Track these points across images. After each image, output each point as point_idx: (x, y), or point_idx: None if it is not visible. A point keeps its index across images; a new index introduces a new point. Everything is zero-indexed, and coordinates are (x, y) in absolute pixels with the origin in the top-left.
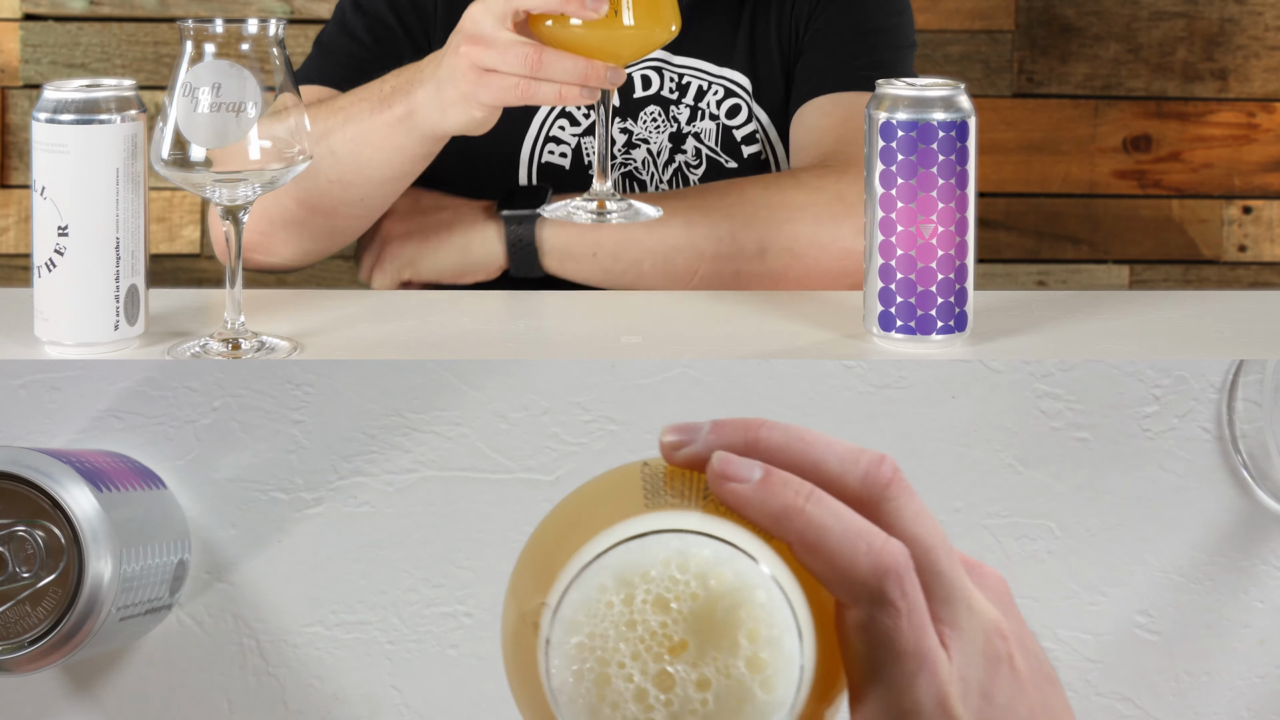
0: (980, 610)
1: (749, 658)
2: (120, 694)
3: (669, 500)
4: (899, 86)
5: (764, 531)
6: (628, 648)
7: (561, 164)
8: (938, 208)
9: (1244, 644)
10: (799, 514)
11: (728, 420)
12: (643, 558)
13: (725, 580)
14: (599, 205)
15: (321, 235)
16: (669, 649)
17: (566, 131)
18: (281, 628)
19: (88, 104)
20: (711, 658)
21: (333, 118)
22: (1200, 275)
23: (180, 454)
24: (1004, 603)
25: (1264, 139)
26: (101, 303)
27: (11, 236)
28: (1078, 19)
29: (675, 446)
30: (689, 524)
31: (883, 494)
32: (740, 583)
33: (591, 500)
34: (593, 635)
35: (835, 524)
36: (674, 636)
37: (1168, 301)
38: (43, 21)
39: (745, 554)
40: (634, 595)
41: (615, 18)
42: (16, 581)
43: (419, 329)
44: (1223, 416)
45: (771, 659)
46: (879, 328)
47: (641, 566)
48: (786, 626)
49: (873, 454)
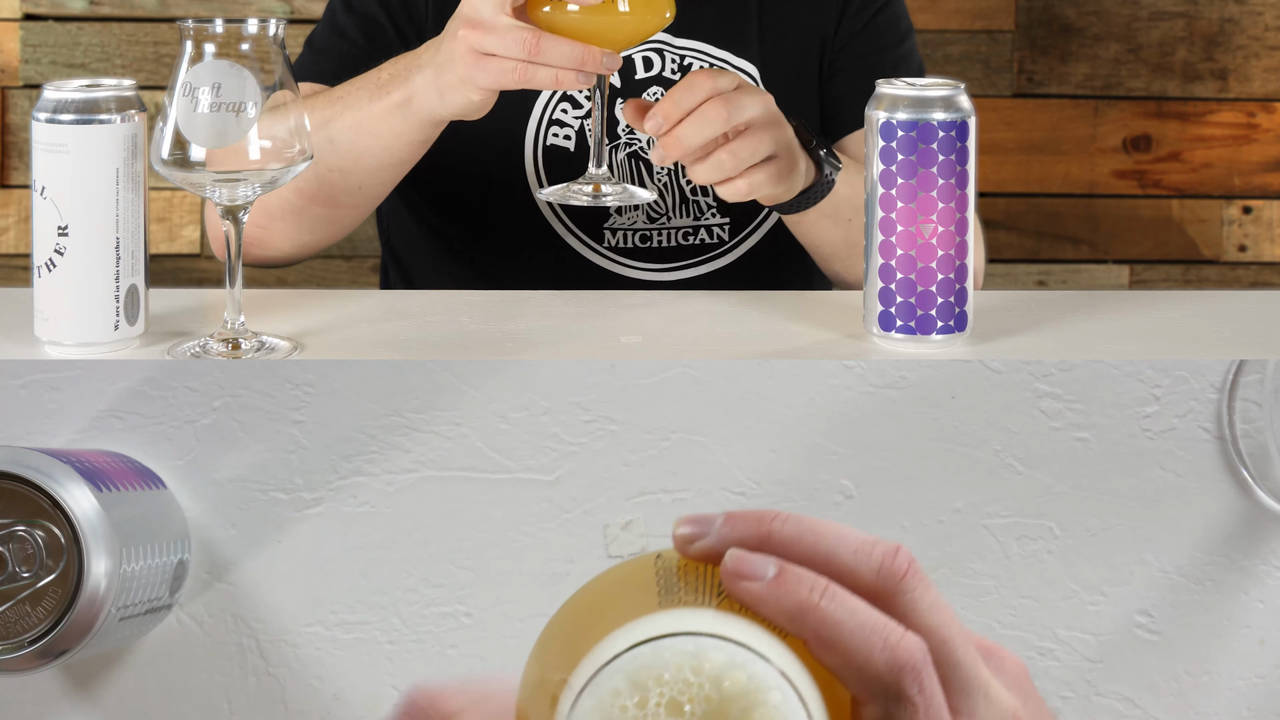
0: (998, 700)
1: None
2: (120, 694)
3: (683, 597)
4: (899, 86)
5: (778, 629)
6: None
7: (566, 146)
8: (938, 208)
9: (1244, 644)
10: (814, 610)
11: (740, 513)
12: (656, 660)
13: (739, 683)
14: (595, 188)
15: (320, 225)
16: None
17: (569, 115)
18: (281, 628)
19: (88, 104)
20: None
21: (331, 107)
22: (1200, 275)
23: (180, 454)
24: (1023, 688)
25: (1264, 139)
26: (101, 303)
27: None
28: (1078, 19)
29: (689, 540)
30: (703, 625)
31: (898, 586)
32: (754, 685)
33: (605, 596)
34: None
35: (850, 619)
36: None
37: (1168, 301)
38: (43, 21)
39: (759, 655)
40: (648, 699)
41: (611, 4)
42: (16, 581)
43: (419, 329)
44: (1223, 416)
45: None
46: (879, 328)
47: (655, 670)
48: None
49: (887, 545)
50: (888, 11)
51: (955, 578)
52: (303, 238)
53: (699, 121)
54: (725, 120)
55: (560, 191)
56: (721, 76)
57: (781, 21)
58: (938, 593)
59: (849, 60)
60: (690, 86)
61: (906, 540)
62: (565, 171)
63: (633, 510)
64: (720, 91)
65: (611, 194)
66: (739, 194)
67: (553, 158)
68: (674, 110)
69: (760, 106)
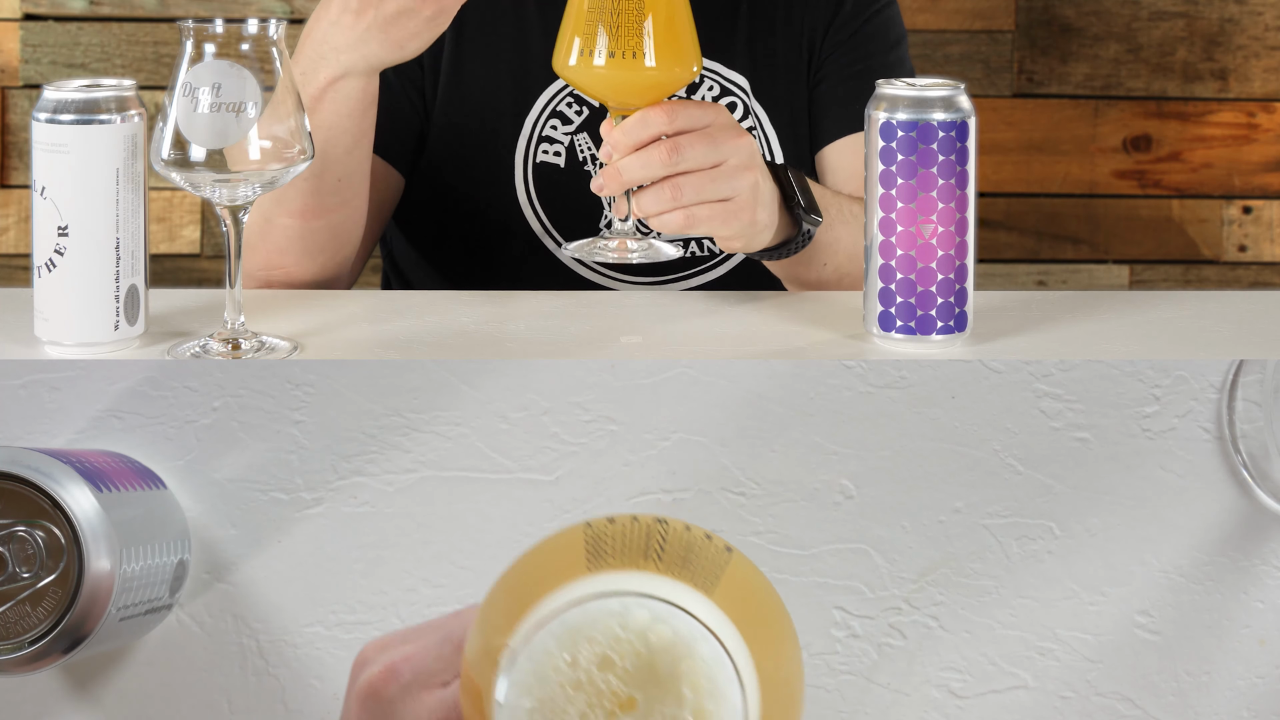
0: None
1: (695, 708)
2: (120, 694)
3: (610, 562)
4: (899, 86)
5: (704, 587)
6: (576, 709)
7: (556, 163)
8: (938, 208)
9: (1244, 644)
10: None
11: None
12: (585, 620)
13: (664, 637)
14: (620, 245)
15: (323, 239)
16: (618, 704)
17: (559, 131)
18: (281, 628)
19: (88, 104)
20: (659, 712)
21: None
22: (1200, 275)
23: (180, 454)
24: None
25: (1264, 139)
26: (101, 303)
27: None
28: (1078, 19)
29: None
30: (628, 586)
31: None
32: (679, 638)
33: (538, 564)
34: (543, 700)
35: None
36: (621, 693)
37: (1168, 301)
38: (43, 21)
39: (684, 611)
40: (579, 657)
41: (638, 60)
42: (16, 581)
43: (419, 329)
44: (1223, 416)
45: (716, 709)
46: (879, 328)
47: (585, 629)
48: (729, 678)
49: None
50: (879, 19)
51: (955, 578)
52: (317, 260)
53: (641, 160)
54: (667, 165)
55: (585, 248)
56: (700, 111)
57: (771, 34)
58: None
59: (835, 68)
60: (644, 120)
61: (906, 540)
62: (556, 188)
63: (633, 510)
64: (683, 129)
65: (637, 251)
66: (673, 226)
67: (543, 174)
68: (622, 141)
69: (736, 150)
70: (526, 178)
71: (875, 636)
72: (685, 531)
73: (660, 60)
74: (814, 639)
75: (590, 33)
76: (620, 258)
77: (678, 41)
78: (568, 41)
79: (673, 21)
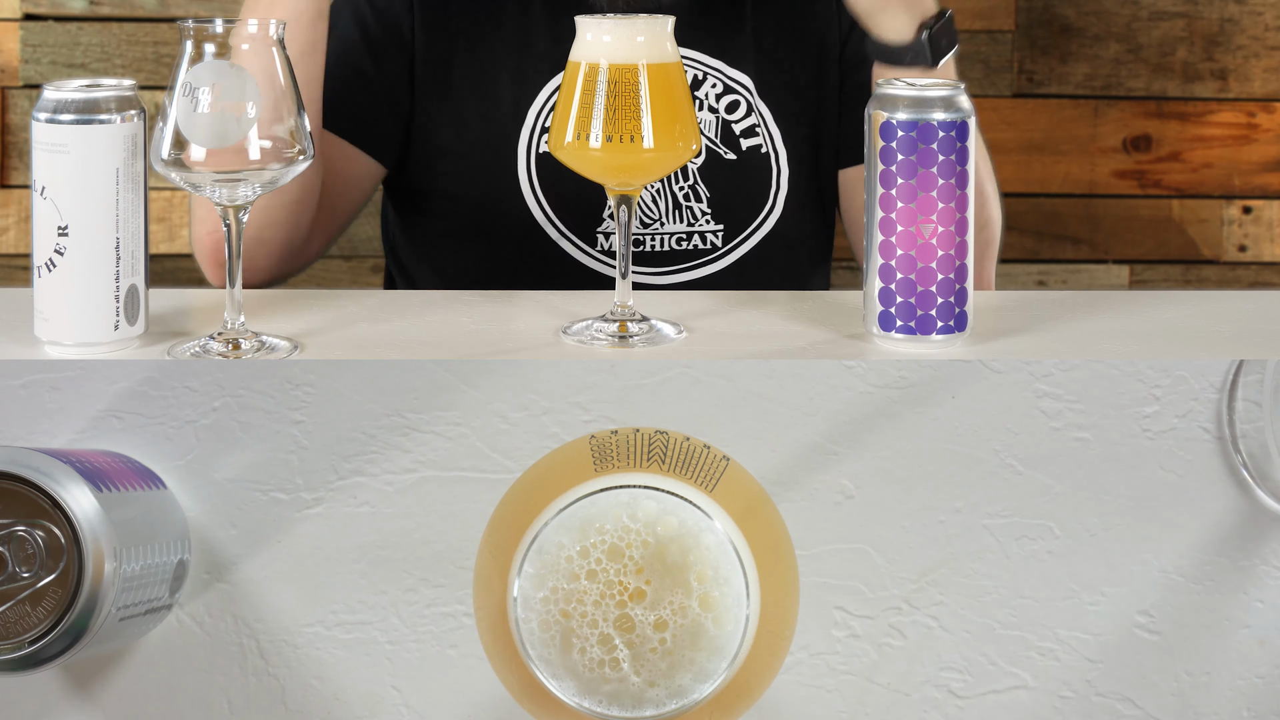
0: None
1: (701, 596)
2: (120, 694)
3: (616, 464)
4: (899, 86)
5: (705, 487)
6: (589, 596)
7: None
8: (938, 208)
9: (1244, 644)
10: None
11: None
12: (594, 511)
13: (671, 527)
14: (620, 328)
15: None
16: (629, 594)
17: None
18: (281, 628)
19: (88, 104)
20: (667, 600)
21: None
22: (1200, 275)
23: (180, 454)
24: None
25: (1264, 139)
26: (101, 303)
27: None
28: (1078, 19)
29: None
30: (635, 480)
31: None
32: (685, 529)
33: (544, 473)
34: (555, 589)
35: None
36: (630, 583)
37: (1168, 301)
38: (43, 21)
39: (690, 503)
40: (590, 547)
41: (635, 143)
42: (16, 581)
43: (419, 329)
44: (1223, 416)
45: (721, 597)
46: (879, 328)
47: (595, 520)
48: (733, 567)
49: None
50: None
51: (955, 578)
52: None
53: None
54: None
55: (584, 331)
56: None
57: (775, 35)
58: None
59: (855, 88)
60: None
61: (906, 540)
62: (558, 178)
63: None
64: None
65: (639, 334)
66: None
67: (545, 165)
68: None
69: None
70: (530, 167)
71: (875, 636)
72: (685, 440)
73: (659, 142)
74: (814, 639)
75: (585, 115)
76: (620, 344)
77: (678, 122)
78: (561, 122)
79: (671, 102)
